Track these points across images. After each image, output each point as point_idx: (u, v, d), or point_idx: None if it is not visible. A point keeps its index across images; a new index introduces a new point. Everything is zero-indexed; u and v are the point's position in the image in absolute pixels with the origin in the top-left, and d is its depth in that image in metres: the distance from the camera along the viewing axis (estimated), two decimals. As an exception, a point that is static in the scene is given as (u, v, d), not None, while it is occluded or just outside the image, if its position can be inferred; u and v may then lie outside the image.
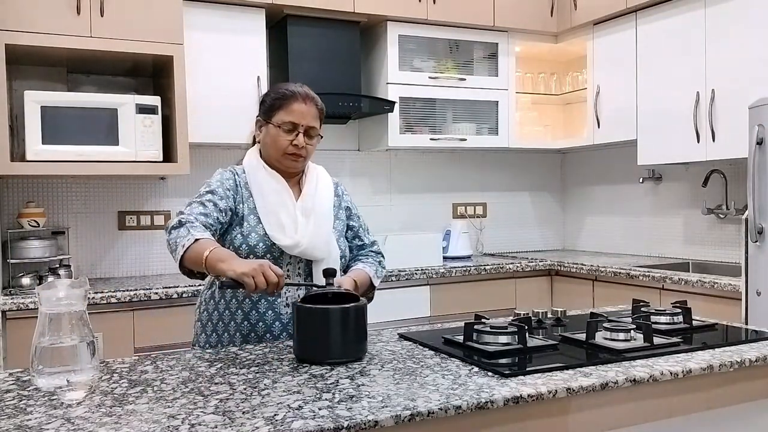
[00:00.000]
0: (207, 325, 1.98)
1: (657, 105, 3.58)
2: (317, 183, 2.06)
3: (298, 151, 1.96)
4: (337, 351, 1.62)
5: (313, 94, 2.01)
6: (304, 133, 1.96)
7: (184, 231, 1.78)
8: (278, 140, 1.96)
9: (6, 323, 2.73)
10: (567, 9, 4.09)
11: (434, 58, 4.00)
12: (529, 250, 4.62)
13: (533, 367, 1.54)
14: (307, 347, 1.63)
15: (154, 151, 3.13)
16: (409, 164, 4.28)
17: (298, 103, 1.96)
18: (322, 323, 1.62)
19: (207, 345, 1.97)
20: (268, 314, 1.93)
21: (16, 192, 3.32)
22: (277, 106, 1.96)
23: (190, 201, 1.90)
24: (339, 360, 1.61)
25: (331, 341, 1.61)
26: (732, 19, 3.18)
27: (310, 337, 1.63)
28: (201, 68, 3.34)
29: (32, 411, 1.28)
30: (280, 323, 1.94)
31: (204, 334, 1.98)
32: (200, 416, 1.23)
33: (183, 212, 1.85)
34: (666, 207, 4.02)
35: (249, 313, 1.93)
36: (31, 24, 2.90)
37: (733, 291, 2.87)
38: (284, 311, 1.94)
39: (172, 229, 1.81)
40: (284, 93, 1.98)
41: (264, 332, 1.93)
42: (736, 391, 1.64)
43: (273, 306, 1.93)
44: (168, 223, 1.85)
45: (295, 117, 1.95)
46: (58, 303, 1.33)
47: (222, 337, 1.95)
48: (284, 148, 1.95)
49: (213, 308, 1.98)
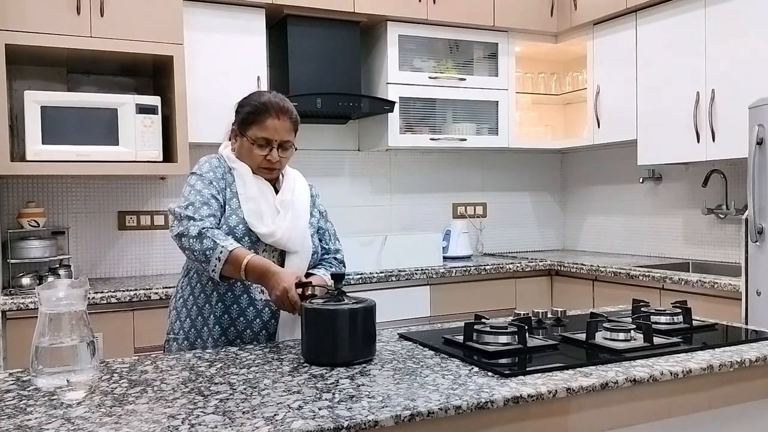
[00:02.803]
0: (182, 311, 1.98)
1: (657, 105, 3.58)
2: (294, 183, 2.09)
3: (271, 165, 1.98)
4: (345, 353, 1.60)
5: (288, 106, 2.01)
6: (278, 147, 1.97)
7: (209, 242, 1.81)
8: (252, 154, 1.98)
9: (6, 323, 2.73)
10: (567, 9, 4.09)
11: (434, 58, 4.00)
12: (529, 250, 4.62)
13: (533, 367, 1.54)
14: (315, 348, 1.63)
15: (154, 151, 3.13)
16: (409, 164, 4.28)
17: (271, 119, 1.96)
18: (330, 324, 1.61)
19: (181, 332, 1.96)
20: (243, 298, 1.94)
21: (16, 192, 3.32)
22: (251, 121, 1.97)
23: (188, 198, 1.89)
24: (347, 362, 1.59)
25: (339, 343, 1.60)
26: (732, 19, 3.18)
27: (318, 338, 1.62)
28: (201, 68, 3.34)
29: (32, 411, 1.28)
30: (254, 308, 1.94)
31: (178, 321, 1.98)
32: (200, 416, 1.23)
33: (193, 217, 1.85)
34: (666, 207, 4.02)
35: (224, 295, 1.94)
36: (31, 24, 2.90)
37: (733, 291, 2.87)
38: (259, 297, 1.94)
39: (191, 239, 1.82)
40: (258, 107, 1.98)
41: (237, 315, 1.94)
42: (736, 391, 1.64)
43: (248, 290, 1.94)
44: (177, 227, 1.85)
45: (268, 133, 1.96)
46: (58, 303, 1.33)
47: (198, 325, 1.95)
48: (258, 162, 1.98)
49: (189, 294, 1.98)
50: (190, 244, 1.83)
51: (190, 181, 1.94)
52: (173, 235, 1.87)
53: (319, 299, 1.71)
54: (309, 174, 4.03)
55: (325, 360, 1.60)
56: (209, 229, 1.83)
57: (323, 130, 4.02)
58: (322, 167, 4.03)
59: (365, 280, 3.39)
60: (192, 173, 1.97)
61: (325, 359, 1.60)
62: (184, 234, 1.83)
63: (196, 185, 1.92)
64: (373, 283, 3.42)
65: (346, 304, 1.63)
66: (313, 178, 3.94)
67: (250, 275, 1.82)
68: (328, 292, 1.74)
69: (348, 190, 4.11)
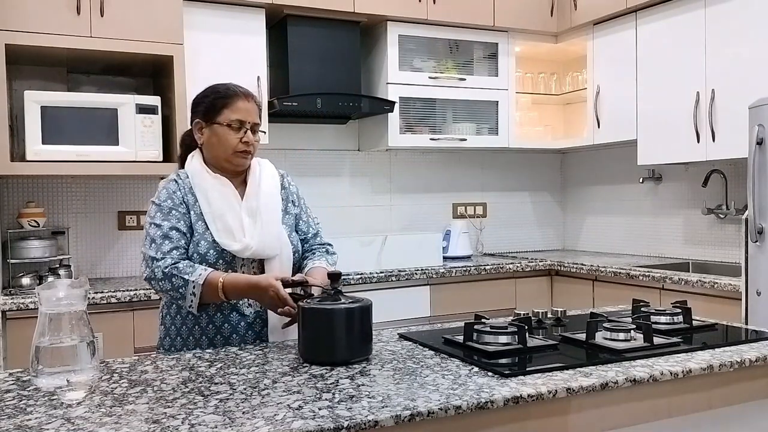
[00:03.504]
0: (170, 328, 1.96)
1: (657, 105, 3.58)
2: (260, 180, 2.02)
3: (247, 147, 1.95)
4: (342, 352, 1.61)
5: (249, 91, 2.02)
6: (250, 130, 1.96)
7: (178, 281, 1.81)
8: (227, 139, 1.94)
9: (6, 323, 2.73)
10: (567, 9, 4.09)
11: (434, 58, 4.00)
12: (529, 250, 4.62)
13: (533, 367, 1.54)
14: (312, 348, 1.63)
15: (154, 151, 3.13)
16: (409, 164, 4.28)
17: (242, 101, 1.96)
18: (327, 323, 1.61)
19: (172, 348, 1.94)
20: (233, 316, 1.92)
21: (16, 192, 3.32)
22: (220, 106, 1.95)
23: (150, 235, 1.87)
24: (344, 361, 1.60)
25: (336, 342, 1.61)
26: (732, 19, 3.18)
27: (316, 337, 1.62)
28: (201, 68, 3.34)
29: (32, 411, 1.28)
30: (245, 323, 1.93)
31: (168, 338, 1.96)
32: (200, 416, 1.23)
33: (155, 257, 1.83)
34: (666, 207, 4.02)
35: (213, 316, 1.91)
36: (31, 24, 2.90)
37: (733, 291, 2.87)
38: (248, 311, 1.93)
39: (160, 281, 1.82)
40: (224, 92, 1.97)
41: (230, 333, 1.92)
42: (736, 391, 1.64)
43: (236, 307, 1.92)
44: (145, 271, 1.85)
45: (241, 114, 1.95)
46: (58, 303, 1.33)
47: (187, 340, 1.93)
48: (234, 146, 1.94)
49: (175, 312, 1.95)
50: (161, 287, 1.83)
51: (150, 213, 1.91)
52: (143, 277, 1.87)
53: (316, 298, 1.71)
54: (309, 174, 4.06)
55: (323, 359, 1.61)
56: (173, 266, 1.81)
57: (323, 130, 4.03)
58: (322, 167, 4.03)
59: (365, 280, 3.39)
60: (152, 202, 1.93)
61: (322, 358, 1.61)
62: (152, 278, 1.83)
63: (156, 218, 1.89)
64: (373, 283, 3.42)
65: (343, 304, 1.63)
66: (313, 178, 3.99)
67: (232, 295, 1.83)
68: (324, 291, 1.74)
69: (348, 190, 4.11)
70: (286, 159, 3.89)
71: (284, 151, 3.87)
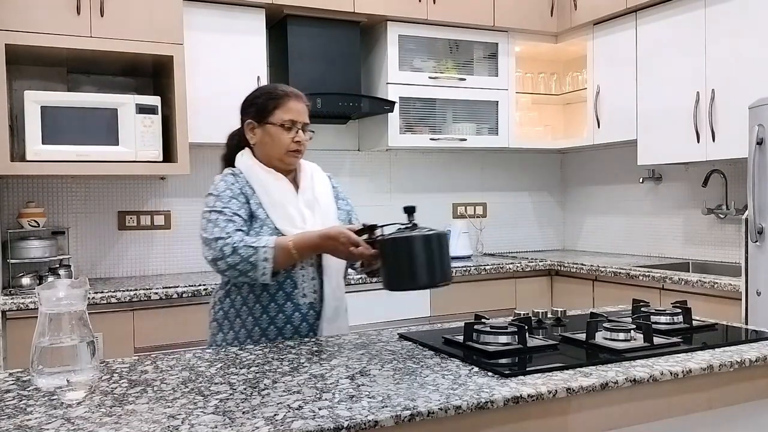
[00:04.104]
0: (224, 323, 1.99)
1: (657, 105, 3.58)
2: (312, 177, 2.10)
3: (299, 147, 2.02)
4: (424, 277, 1.70)
5: (300, 92, 2.07)
6: (300, 129, 2.02)
7: (247, 251, 1.83)
8: (280, 139, 2.00)
9: (6, 323, 2.73)
10: (567, 9, 4.09)
11: (434, 58, 4.00)
12: (529, 250, 4.62)
13: (533, 367, 1.54)
14: (396, 277, 1.72)
15: (154, 151, 3.13)
16: (409, 164, 4.28)
17: (293, 102, 2.02)
18: (407, 251, 1.70)
19: (224, 343, 1.97)
20: (287, 306, 1.95)
21: (16, 192, 3.32)
22: (272, 107, 2.01)
23: (211, 220, 1.89)
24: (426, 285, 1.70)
25: (418, 268, 1.69)
26: (732, 19, 3.18)
27: (398, 266, 1.71)
28: (201, 68, 3.34)
29: (32, 411, 1.28)
30: (300, 314, 1.96)
31: (221, 333, 1.99)
32: (200, 416, 1.23)
33: (220, 237, 1.85)
34: (666, 207, 4.02)
35: (267, 307, 1.95)
36: (31, 24, 2.90)
37: (733, 291, 2.87)
38: (302, 302, 1.96)
39: (228, 257, 1.83)
40: (277, 93, 2.03)
41: (284, 323, 1.95)
42: (736, 391, 1.64)
43: (291, 297, 1.95)
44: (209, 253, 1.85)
45: (293, 115, 2.01)
46: (58, 303, 1.33)
47: (239, 333, 1.96)
48: (287, 145, 2.00)
49: (229, 306, 1.99)
50: (229, 263, 1.83)
51: (209, 203, 1.94)
52: (208, 261, 1.87)
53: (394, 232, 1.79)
54: (309, 174, 4.03)
55: (407, 286, 1.72)
56: (239, 242, 1.84)
57: (323, 130, 4.02)
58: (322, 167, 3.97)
59: (365, 279, 3.39)
60: (209, 194, 1.97)
61: (406, 285, 1.72)
62: (219, 257, 1.84)
63: (216, 206, 1.92)
64: (373, 283, 3.41)
65: (420, 232, 1.72)
66: (313, 178, 3.98)
67: (304, 251, 1.87)
68: (399, 228, 1.80)
69: (348, 190, 4.06)
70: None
71: (284, 151, 3.87)
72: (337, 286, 2.04)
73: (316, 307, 1.99)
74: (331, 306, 1.99)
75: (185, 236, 3.66)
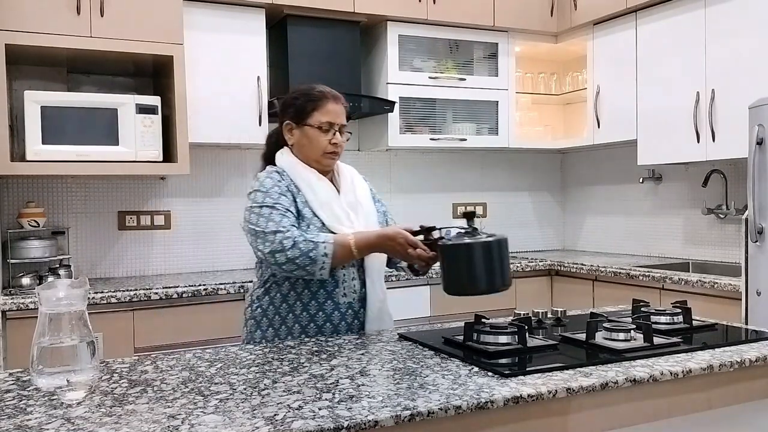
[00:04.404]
0: (262, 321, 2.00)
1: (657, 105, 3.58)
2: (353, 180, 2.13)
3: (336, 149, 2.03)
4: (483, 283, 1.72)
5: (338, 93, 2.08)
6: (338, 131, 2.03)
7: (307, 245, 1.84)
8: (318, 140, 2.01)
9: (6, 323, 2.73)
10: (567, 9, 4.09)
11: (434, 58, 4.00)
12: (529, 250, 4.62)
13: (533, 367, 1.54)
14: (455, 281, 1.74)
15: (154, 151, 3.13)
16: (409, 164, 4.28)
17: (331, 104, 2.04)
18: (467, 257, 1.71)
19: (263, 340, 1.98)
20: (327, 304, 1.97)
21: (16, 192, 3.32)
22: (310, 109, 2.02)
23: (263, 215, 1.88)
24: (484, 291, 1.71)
25: (477, 274, 1.71)
26: (732, 19, 3.18)
27: (457, 271, 1.73)
28: (201, 68, 3.34)
29: (32, 411, 1.28)
30: (339, 313, 1.98)
31: (259, 330, 2.00)
32: (200, 416, 1.23)
33: (278, 230, 1.85)
34: (666, 207, 4.02)
35: (308, 304, 1.96)
36: (31, 24, 2.90)
37: (733, 291, 2.87)
38: (342, 301, 1.98)
39: (288, 250, 1.83)
40: (315, 94, 2.03)
41: (324, 322, 1.97)
42: (736, 391, 1.64)
43: (331, 296, 1.97)
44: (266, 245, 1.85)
45: (331, 117, 2.03)
46: (58, 303, 1.33)
47: (279, 330, 1.98)
48: (324, 147, 2.01)
49: (268, 303, 2.00)
50: (289, 257, 1.83)
51: (257, 199, 1.93)
52: (264, 253, 1.86)
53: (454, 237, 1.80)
54: (309, 174, 4.03)
55: (466, 291, 1.74)
56: (299, 236, 1.85)
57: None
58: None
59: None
60: (255, 191, 1.95)
61: (465, 290, 1.74)
62: (279, 250, 1.83)
63: (267, 201, 1.91)
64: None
65: (481, 238, 1.72)
66: (313, 178, 3.98)
67: (363, 249, 1.90)
68: (459, 232, 1.81)
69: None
70: (286, 159, 3.89)
71: (284, 151, 3.86)
72: (380, 287, 2.06)
73: (355, 307, 2.01)
74: (375, 306, 2.02)
75: (185, 236, 3.67)
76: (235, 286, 3.10)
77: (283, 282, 1.98)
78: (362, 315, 2.03)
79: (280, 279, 1.98)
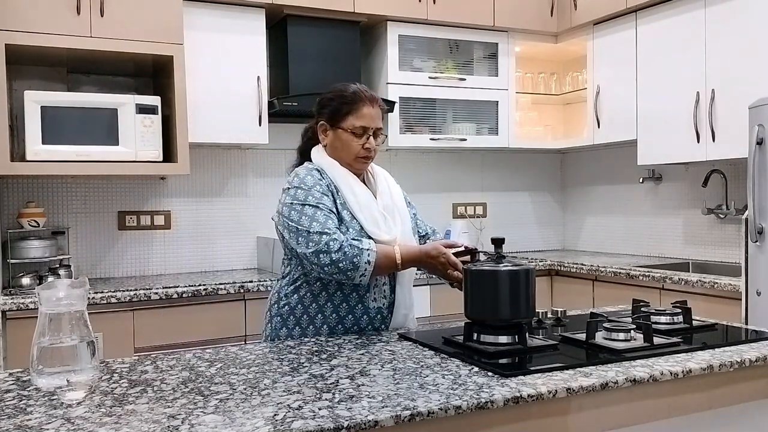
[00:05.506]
0: (289, 318, 1.99)
1: (657, 105, 3.58)
2: (388, 183, 2.11)
3: (369, 153, 2.01)
4: (506, 312, 1.69)
5: (375, 94, 2.06)
6: (372, 135, 2.01)
7: (353, 250, 1.84)
8: (350, 145, 1.99)
9: (6, 323, 2.73)
10: (567, 9, 4.09)
11: (434, 58, 4.00)
12: (529, 250, 4.62)
13: (533, 367, 1.54)
14: (477, 308, 1.73)
15: (154, 151, 3.13)
16: (409, 164, 4.27)
17: (367, 107, 2.01)
18: (491, 284, 1.70)
19: (289, 338, 1.97)
20: (358, 308, 1.97)
21: (16, 192, 3.32)
22: (345, 111, 1.99)
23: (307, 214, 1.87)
24: (506, 321, 1.68)
25: (501, 302, 1.69)
26: (732, 19, 3.18)
27: (481, 298, 1.72)
28: (201, 68, 3.34)
29: (32, 411, 1.28)
30: (368, 317, 1.98)
31: (285, 328, 1.99)
32: (200, 416, 1.23)
33: (323, 231, 1.84)
34: (666, 207, 4.02)
35: (339, 306, 1.96)
36: (31, 24, 2.90)
37: (733, 291, 2.87)
38: (372, 305, 1.98)
39: (333, 253, 1.83)
40: (350, 97, 2.01)
41: (351, 325, 1.96)
42: (736, 391, 1.64)
43: (363, 300, 1.97)
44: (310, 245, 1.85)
45: (365, 121, 2.00)
46: (58, 303, 1.33)
47: (307, 329, 1.97)
48: (356, 152, 2.00)
49: (296, 302, 1.99)
50: (333, 259, 1.83)
51: (299, 196, 1.91)
52: (307, 253, 1.85)
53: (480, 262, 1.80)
54: (309, 174, 4.02)
55: (487, 319, 1.71)
56: (344, 240, 1.85)
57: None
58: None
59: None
60: (296, 188, 1.93)
61: (487, 319, 1.71)
62: (324, 251, 1.83)
63: (309, 200, 1.90)
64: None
65: (506, 267, 1.71)
66: (313, 178, 3.97)
67: (407, 262, 1.92)
68: (489, 257, 1.81)
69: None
70: (286, 159, 3.86)
71: (284, 151, 3.85)
72: (408, 294, 2.06)
73: (383, 312, 2.01)
74: (401, 313, 2.02)
75: (185, 236, 3.67)
76: (235, 286, 3.10)
77: (314, 282, 1.96)
78: (389, 320, 2.02)
79: (312, 278, 1.96)
